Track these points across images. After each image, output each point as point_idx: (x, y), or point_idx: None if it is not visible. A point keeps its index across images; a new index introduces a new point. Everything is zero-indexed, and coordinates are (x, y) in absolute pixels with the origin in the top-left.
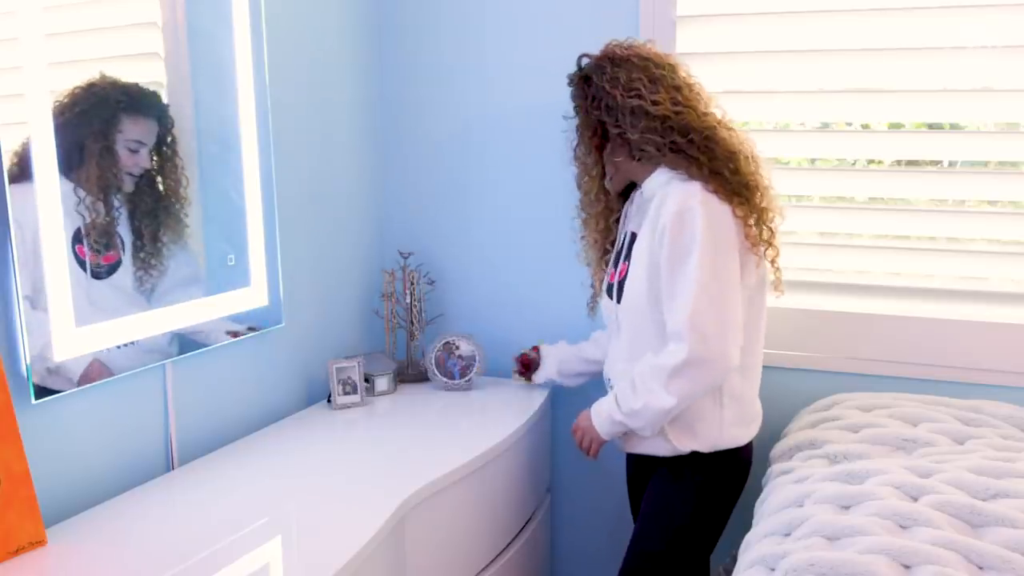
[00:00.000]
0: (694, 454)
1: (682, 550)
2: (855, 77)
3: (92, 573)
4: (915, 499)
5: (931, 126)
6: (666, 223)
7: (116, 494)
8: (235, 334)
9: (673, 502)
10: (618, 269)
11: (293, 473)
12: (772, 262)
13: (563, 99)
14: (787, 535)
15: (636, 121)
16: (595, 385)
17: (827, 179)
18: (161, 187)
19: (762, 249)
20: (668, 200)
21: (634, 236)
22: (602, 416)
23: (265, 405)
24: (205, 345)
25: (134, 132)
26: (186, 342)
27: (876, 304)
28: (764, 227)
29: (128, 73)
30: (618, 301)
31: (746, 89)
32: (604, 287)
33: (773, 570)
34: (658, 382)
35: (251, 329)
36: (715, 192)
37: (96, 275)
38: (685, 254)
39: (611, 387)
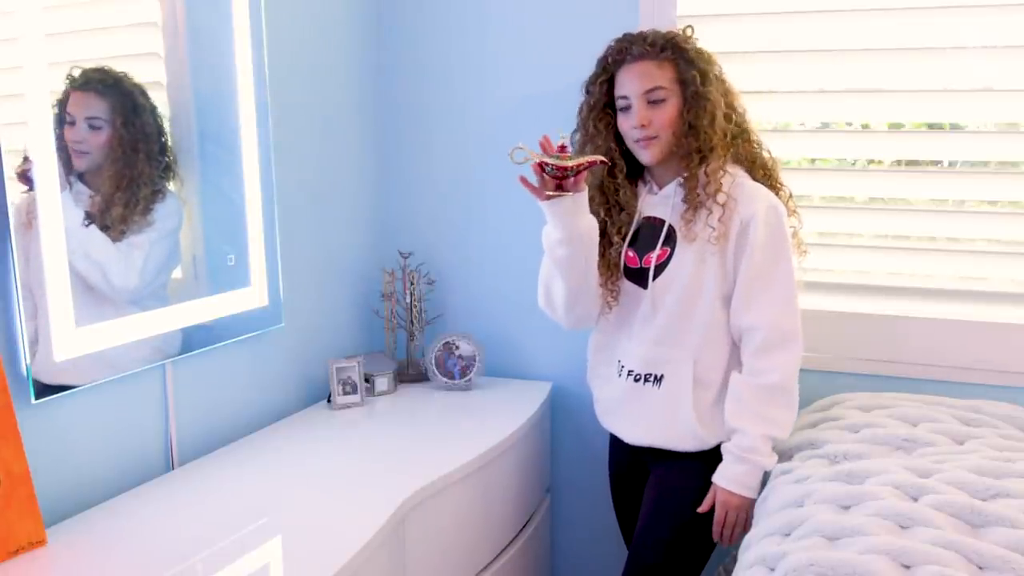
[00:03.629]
0: (716, 447)
1: (694, 542)
2: (855, 77)
3: (92, 573)
4: (915, 499)
5: (931, 126)
6: (757, 215)
7: (116, 494)
8: (235, 334)
9: (689, 493)
10: (655, 254)
11: (293, 473)
12: None
13: (562, 98)
14: (787, 535)
15: (717, 109)
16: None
17: (827, 179)
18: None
19: None
20: (752, 195)
21: (660, 221)
22: (750, 473)
23: (265, 405)
24: (205, 345)
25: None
26: (186, 342)
27: (876, 304)
28: None
29: (128, 73)
30: (653, 283)
31: (746, 89)
32: (621, 270)
33: (773, 570)
34: (784, 399)
35: (251, 329)
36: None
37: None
38: (779, 250)
39: (622, 371)
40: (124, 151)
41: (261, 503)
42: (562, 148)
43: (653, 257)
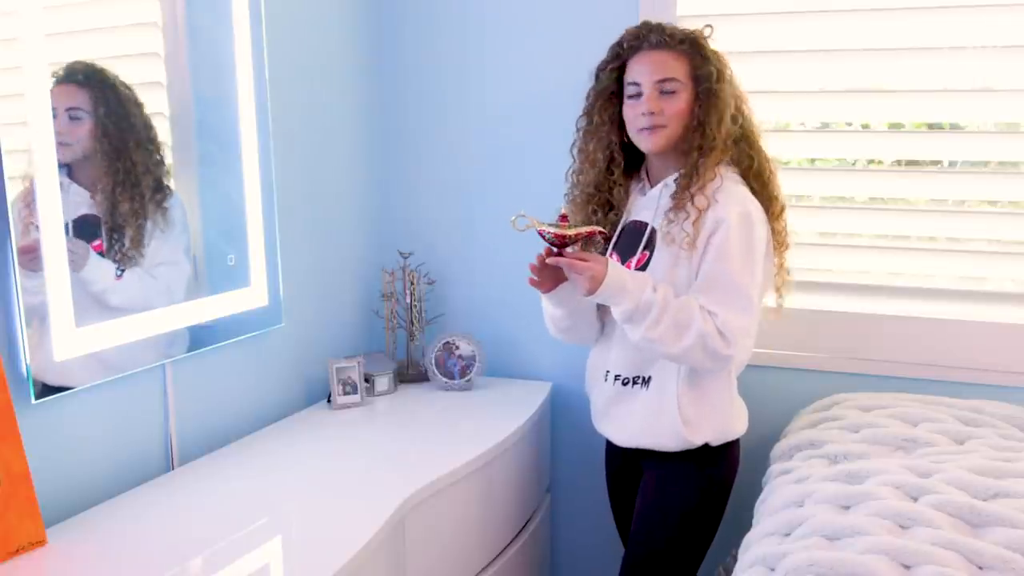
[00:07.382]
0: (703, 446)
1: (688, 540)
2: (855, 77)
3: (92, 573)
4: (915, 499)
5: (931, 126)
6: (728, 219)
7: (116, 494)
8: (235, 334)
9: (680, 492)
10: (635, 258)
11: (293, 473)
12: (778, 290)
13: (562, 98)
14: (787, 535)
15: (727, 109)
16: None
17: (827, 179)
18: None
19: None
20: (729, 199)
21: (643, 225)
22: (616, 292)
23: (265, 405)
24: (205, 345)
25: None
26: (186, 342)
27: (876, 304)
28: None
29: (128, 73)
30: None
31: (746, 89)
32: None
33: (773, 570)
34: (694, 349)
35: (251, 329)
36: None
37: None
38: (744, 253)
39: (608, 376)
40: (111, 141)
41: (261, 503)
42: (563, 217)
43: (633, 261)
